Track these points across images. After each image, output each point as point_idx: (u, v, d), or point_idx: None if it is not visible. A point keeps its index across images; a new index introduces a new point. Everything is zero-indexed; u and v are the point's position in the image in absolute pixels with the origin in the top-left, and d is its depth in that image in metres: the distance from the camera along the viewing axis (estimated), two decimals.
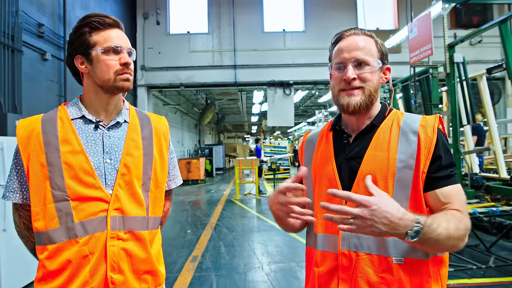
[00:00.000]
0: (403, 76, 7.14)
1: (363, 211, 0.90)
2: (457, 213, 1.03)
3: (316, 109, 19.49)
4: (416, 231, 0.93)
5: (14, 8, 5.61)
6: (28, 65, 5.99)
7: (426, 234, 0.94)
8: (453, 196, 1.06)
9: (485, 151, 6.83)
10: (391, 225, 0.91)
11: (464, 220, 1.03)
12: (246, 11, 11.79)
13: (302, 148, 1.38)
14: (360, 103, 1.12)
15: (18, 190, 1.23)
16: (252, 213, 8.41)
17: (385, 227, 0.90)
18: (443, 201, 1.06)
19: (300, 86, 12.97)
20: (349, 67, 1.12)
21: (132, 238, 1.23)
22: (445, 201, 1.06)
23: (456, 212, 1.03)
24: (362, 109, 1.14)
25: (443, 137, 1.11)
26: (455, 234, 0.99)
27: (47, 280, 1.17)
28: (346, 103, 1.13)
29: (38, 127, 1.22)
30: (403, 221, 0.91)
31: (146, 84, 11.65)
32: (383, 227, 0.90)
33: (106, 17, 1.25)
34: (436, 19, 6.03)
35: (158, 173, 1.34)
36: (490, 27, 4.70)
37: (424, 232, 0.94)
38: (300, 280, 4.06)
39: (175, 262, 4.76)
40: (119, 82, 1.24)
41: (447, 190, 1.07)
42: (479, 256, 4.48)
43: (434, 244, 0.98)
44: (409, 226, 0.92)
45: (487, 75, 5.38)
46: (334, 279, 1.12)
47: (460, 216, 1.02)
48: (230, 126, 33.14)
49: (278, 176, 12.74)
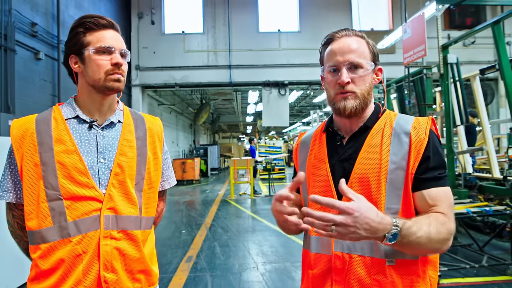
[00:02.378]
0: (398, 76, 7.18)
1: (346, 219, 0.90)
2: (440, 216, 1.03)
3: (311, 109, 19.55)
4: (393, 234, 0.94)
5: (7, 7, 5.57)
6: (21, 64, 5.94)
7: (405, 237, 0.95)
8: (439, 199, 1.06)
9: (478, 151, 6.87)
10: (371, 229, 0.92)
11: (447, 224, 1.03)
12: (241, 11, 11.80)
13: (296, 150, 1.39)
14: (356, 106, 1.13)
15: (11, 190, 1.23)
16: (247, 213, 8.41)
17: (366, 232, 0.92)
18: (429, 203, 1.06)
19: (295, 86, 12.99)
20: (343, 71, 1.12)
21: (125, 237, 1.24)
22: (432, 203, 1.06)
23: (439, 215, 1.03)
24: (358, 112, 1.14)
25: (435, 139, 1.11)
26: (435, 237, 0.99)
27: (40, 280, 1.17)
28: (342, 107, 1.13)
29: (32, 126, 1.22)
30: (382, 225, 0.93)
31: (141, 84, 11.61)
32: (364, 232, 0.92)
33: (101, 18, 1.26)
34: (430, 20, 6.07)
35: (151, 173, 1.35)
36: (483, 28, 4.74)
37: (402, 235, 0.95)
38: (295, 280, 4.07)
39: (170, 263, 4.75)
40: (109, 82, 1.24)
41: (434, 192, 1.06)
42: (472, 255, 4.52)
43: (415, 247, 0.98)
44: (387, 229, 0.94)
45: (480, 75, 5.42)
46: (328, 281, 1.12)
47: (443, 220, 1.02)
48: (225, 126, 33.12)
49: (273, 176, 12.73)
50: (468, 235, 4.56)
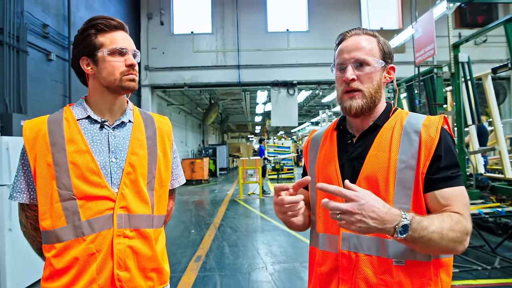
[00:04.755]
0: (407, 76, 7.11)
1: (352, 206, 0.88)
2: (455, 215, 1.00)
3: (320, 109, 19.48)
4: (404, 226, 0.91)
5: (19, 9, 5.65)
6: (33, 65, 6.02)
7: (416, 231, 0.92)
8: (453, 199, 1.03)
9: (490, 151, 6.78)
10: (379, 219, 0.89)
11: (462, 222, 0.99)
12: (249, 11, 11.80)
13: (306, 148, 1.38)
14: (362, 106, 1.12)
15: (25, 191, 1.24)
16: (256, 213, 8.41)
17: (373, 221, 0.89)
18: (442, 203, 1.03)
19: (303, 86, 12.95)
20: (348, 68, 1.13)
21: (138, 236, 1.25)
22: (445, 203, 1.03)
23: (454, 214, 1.00)
24: (364, 111, 1.14)
25: (447, 137, 1.08)
26: (448, 234, 0.96)
27: (54, 279, 1.18)
28: (348, 106, 1.13)
29: (45, 127, 1.24)
30: (389, 215, 0.90)
31: (150, 84, 11.69)
32: (371, 222, 0.89)
33: (111, 20, 1.27)
34: (440, 18, 6.01)
35: (162, 172, 1.36)
36: (495, 26, 4.67)
37: (413, 228, 0.92)
38: (304, 280, 4.06)
39: (179, 262, 4.77)
40: (125, 82, 1.26)
41: (447, 192, 1.04)
42: (484, 257, 4.46)
43: (427, 243, 0.95)
44: (396, 220, 0.91)
45: (492, 74, 5.35)
46: (335, 279, 1.12)
47: (457, 218, 0.99)
48: (234, 126, 33.16)
49: (282, 176, 12.71)
50: (480, 236, 4.49)
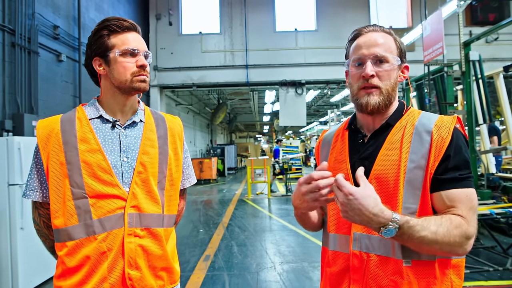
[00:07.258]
0: (417, 74, 7.05)
1: (343, 199, 0.95)
2: (456, 218, 0.99)
3: (328, 108, 19.39)
4: (389, 230, 0.94)
5: (31, 11, 5.72)
6: (44, 66, 6.09)
7: (405, 235, 0.95)
8: (459, 200, 1.01)
9: (502, 150, 6.69)
10: (363, 217, 0.94)
11: (463, 227, 0.98)
12: (258, 10, 11.79)
13: (318, 148, 1.38)
14: (379, 103, 1.11)
15: (38, 189, 1.26)
16: (264, 212, 8.41)
17: (358, 217, 0.95)
18: (447, 204, 1.02)
19: (312, 85, 12.91)
20: (368, 64, 1.11)
21: (149, 235, 1.26)
22: (450, 204, 1.01)
23: (455, 217, 0.99)
24: (381, 109, 1.12)
25: (459, 137, 1.06)
26: (444, 239, 0.95)
27: (66, 277, 1.20)
28: (365, 102, 1.12)
29: (57, 126, 1.25)
30: (377, 217, 0.94)
31: (159, 85, 11.75)
32: (357, 217, 0.95)
33: (124, 21, 1.28)
34: (451, 16, 5.95)
35: (173, 172, 1.36)
36: (507, 24, 4.61)
37: (401, 233, 0.95)
38: (312, 280, 4.05)
39: (188, 261, 4.79)
40: (136, 83, 1.27)
41: (453, 193, 1.02)
42: (496, 258, 4.40)
43: (418, 244, 0.97)
44: (383, 223, 0.94)
45: (504, 73, 5.28)
46: (346, 279, 1.12)
47: (458, 222, 0.98)
48: (242, 126, 33.19)
49: (290, 176, 12.69)
50: (491, 237, 4.43)
